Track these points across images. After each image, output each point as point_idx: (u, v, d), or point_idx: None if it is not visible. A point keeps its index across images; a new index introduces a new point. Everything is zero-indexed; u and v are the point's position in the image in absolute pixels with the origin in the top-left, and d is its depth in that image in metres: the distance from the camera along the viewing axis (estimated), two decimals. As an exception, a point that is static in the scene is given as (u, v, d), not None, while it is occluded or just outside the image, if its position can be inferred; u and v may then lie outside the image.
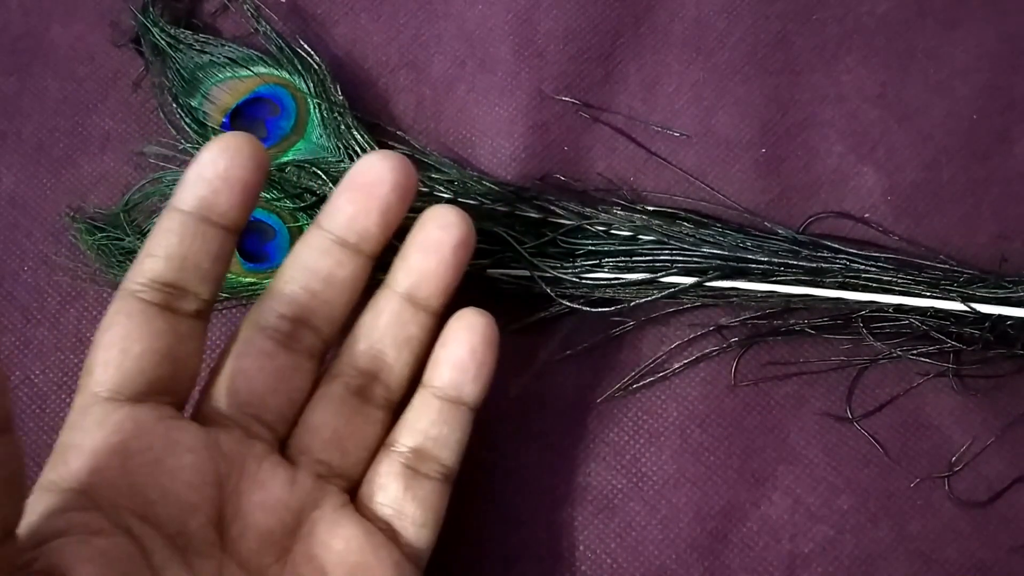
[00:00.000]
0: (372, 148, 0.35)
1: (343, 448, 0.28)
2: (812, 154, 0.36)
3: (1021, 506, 0.33)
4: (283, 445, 0.28)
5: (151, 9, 0.37)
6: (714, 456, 0.33)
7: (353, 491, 0.29)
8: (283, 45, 0.37)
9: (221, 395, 0.27)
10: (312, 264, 0.28)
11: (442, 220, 0.29)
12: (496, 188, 0.35)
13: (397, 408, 0.30)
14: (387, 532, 0.28)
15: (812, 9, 0.38)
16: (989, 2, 0.38)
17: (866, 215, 0.36)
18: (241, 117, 0.36)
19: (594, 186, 0.36)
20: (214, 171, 0.26)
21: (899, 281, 0.33)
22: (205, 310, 0.27)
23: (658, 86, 0.37)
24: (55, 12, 0.39)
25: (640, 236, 0.34)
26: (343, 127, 0.35)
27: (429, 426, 0.29)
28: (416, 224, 0.29)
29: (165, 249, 0.26)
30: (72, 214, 0.36)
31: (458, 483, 0.33)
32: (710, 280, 0.33)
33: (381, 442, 0.29)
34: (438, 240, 0.29)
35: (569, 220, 0.34)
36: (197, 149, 0.35)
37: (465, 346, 0.29)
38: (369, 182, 0.28)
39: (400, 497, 0.28)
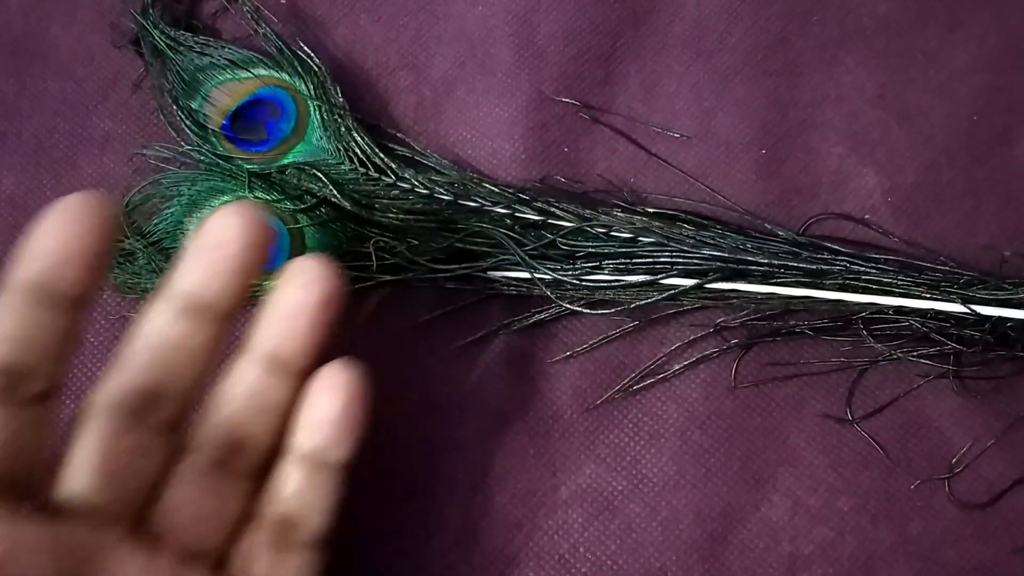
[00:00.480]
0: (373, 150, 0.35)
1: (207, 525, 0.26)
2: (812, 155, 0.36)
3: (1022, 508, 0.33)
4: (143, 526, 0.26)
5: (151, 11, 0.37)
6: (714, 458, 0.33)
7: (221, 567, 0.27)
8: (283, 47, 0.36)
9: (69, 482, 0.25)
10: (161, 333, 0.26)
11: (304, 277, 0.27)
12: (496, 190, 0.35)
13: (263, 477, 0.28)
14: None
15: (812, 10, 0.38)
16: (990, 3, 0.38)
17: (866, 216, 0.36)
18: (241, 119, 0.36)
19: (594, 188, 0.36)
20: (55, 243, 0.24)
21: (899, 283, 0.33)
22: (53, 390, 0.24)
23: (658, 87, 0.37)
24: (55, 13, 0.39)
25: (640, 238, 0.34)
26: (343, 129, 0.35)
27: (296, 493, 0.27)
28: (277, 282, 0.28)
29: (6, 331, 0.23)
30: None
31: (457, 486, 0.33)
32: (710, 282, 0.33)
33: (248, 514, 0.27)
34: (300, 301, 0.27)
35: (569, 222, 0.34)
36: (198, 151, 0.35)
37: (330, 408, 0.27)
38: (219, 242, 0.26)
39: (269, 572, 0.27)
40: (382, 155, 0.35)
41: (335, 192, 0.34)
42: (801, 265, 0.33)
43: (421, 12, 0.38)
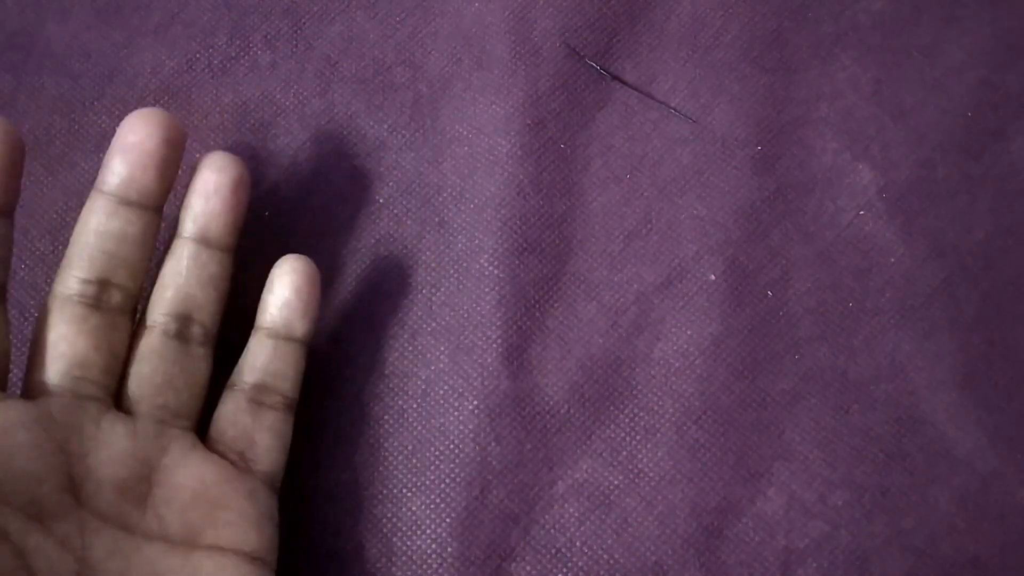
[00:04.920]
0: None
1: (175, 389, 0.30)
2: (807, 151, 0.37)
3: (1016, 501, 0.33)
4: (119, 399, 0.30)
5: None
6: (710, 453, 0.34)
7: (199, 429, 0.31)
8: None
9: (44, 366, 0.28)
10: (102, 227, 0.30)
11: (216, 164, 0.31)
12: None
13: (215, 342, 0.32)
14: (239, 462, 0.30)
15: (807, 6, 0.38)
16: None
17: (861, 212, 0.36)
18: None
19: (590, 184, 0.36)
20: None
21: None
22: None
23: (654, 83, 0.37)
24: (50, 9, 0.39)
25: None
26: None
27: (267, 363, 0.31)
28: (194, 173, 0.32)
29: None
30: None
31: (454, 479, 0.33)
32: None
33: (209, 376, 0.31)
34: (217, 183, 0.31)
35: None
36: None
37: (290, 287, 0.31)
38: (138, 141, 0.30)
39: (249, 428, 0.31)
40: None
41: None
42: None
43: (417, 8, 0.38)
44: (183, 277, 0.31)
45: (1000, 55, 0.37)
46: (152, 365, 0.30)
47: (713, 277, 0.35)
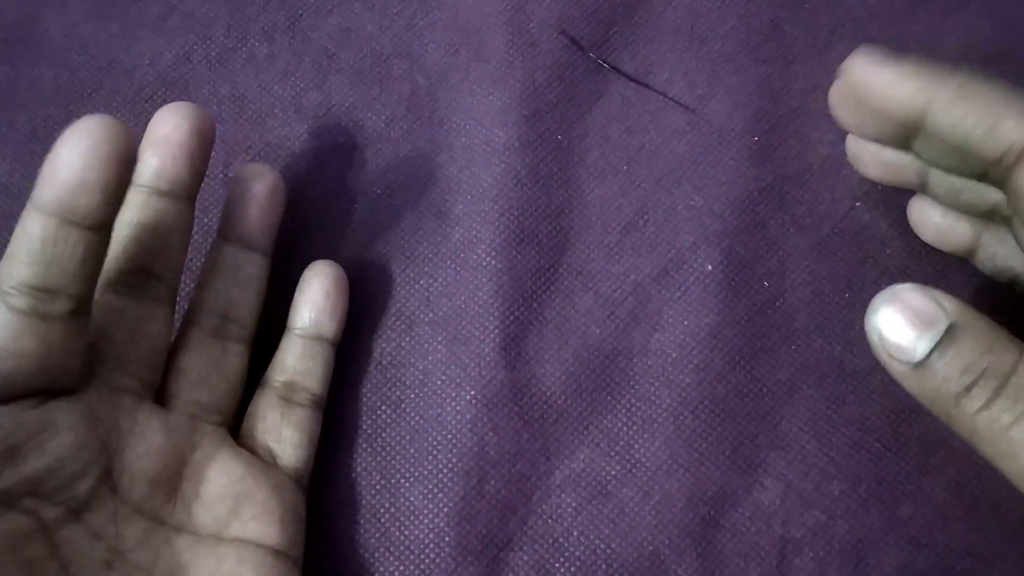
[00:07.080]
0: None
1: (210, 384, 0.31)
2: (804, 142, 0.37)
3: (1011, 490, 0.33)
4: (159, 391, 0.31)
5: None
6: (707, 442, 0.34)
7: (230, 426, 0.32)
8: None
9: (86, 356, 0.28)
10: (137, 218, 0.30)
11: (251, 172, 0.33)
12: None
13: (251, 343, 0.33)
14: (268, 457, 0.32)
15: (805, -3, 0.38)
16: (980, -10, 0.38)
17: (856, 204, 0.36)
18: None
19: (588, 175, 0.36)
20: (70, 172, 0.24)
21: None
22: (81, 309, 0.26)
23: (651, 75, 0.38)
24: (48, 1, 0.39)
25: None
26: None
27: (296, 361, 0.33)
28: (232, 182, 0.33)
29: (28, 255, 0.25)
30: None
31: (451, 469, 0.33)
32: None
33: (244, 373, 0.33)
34: (252, 189, 0.33)
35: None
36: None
37: (319, 290, 0.33)
38: (167, 132, 0.30)
39: (278, 423, 0.32)
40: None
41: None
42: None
43: (415, 0, 0.38)
44: (220, 277, 0.32)
45: (996, 47, 0.37)
46: (189, 360, 0.31)
47: (710, 267, 0.35)
